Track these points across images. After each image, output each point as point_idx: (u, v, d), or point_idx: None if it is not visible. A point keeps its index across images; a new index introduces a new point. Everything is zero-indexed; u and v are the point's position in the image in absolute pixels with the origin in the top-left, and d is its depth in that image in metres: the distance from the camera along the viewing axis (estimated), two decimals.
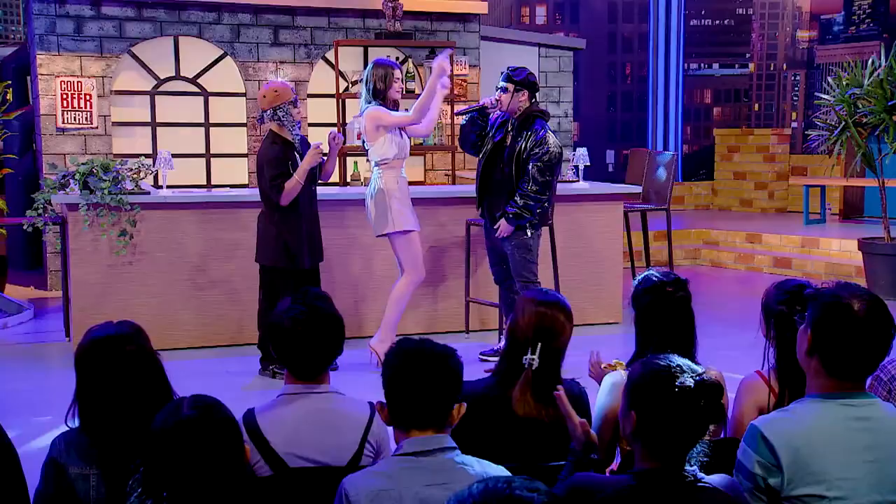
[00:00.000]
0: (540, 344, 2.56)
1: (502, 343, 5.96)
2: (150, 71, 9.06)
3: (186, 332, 6.26)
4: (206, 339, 6.29)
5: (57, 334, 6.72)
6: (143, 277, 6.20)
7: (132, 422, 2.25)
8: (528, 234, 5.64)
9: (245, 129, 9.30)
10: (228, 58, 9.26)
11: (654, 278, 2.83)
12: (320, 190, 5.80)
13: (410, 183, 9.66)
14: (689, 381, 2.00)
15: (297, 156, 5.45)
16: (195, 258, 6.30)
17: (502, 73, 5.64)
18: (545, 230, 6.03)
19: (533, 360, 2.55)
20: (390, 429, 2.29)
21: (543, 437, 2.58)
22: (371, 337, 5.87)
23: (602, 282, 6.87)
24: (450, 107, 8.82)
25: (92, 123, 8.68)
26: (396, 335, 5.69)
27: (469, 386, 2.57)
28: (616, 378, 2.74)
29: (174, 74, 9.17)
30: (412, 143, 8.45)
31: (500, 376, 2.66)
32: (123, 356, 2.30)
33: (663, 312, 2.76)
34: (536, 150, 5.51)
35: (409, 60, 9.28)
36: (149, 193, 6.12)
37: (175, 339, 6.17)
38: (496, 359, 5.84)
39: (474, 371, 2.67)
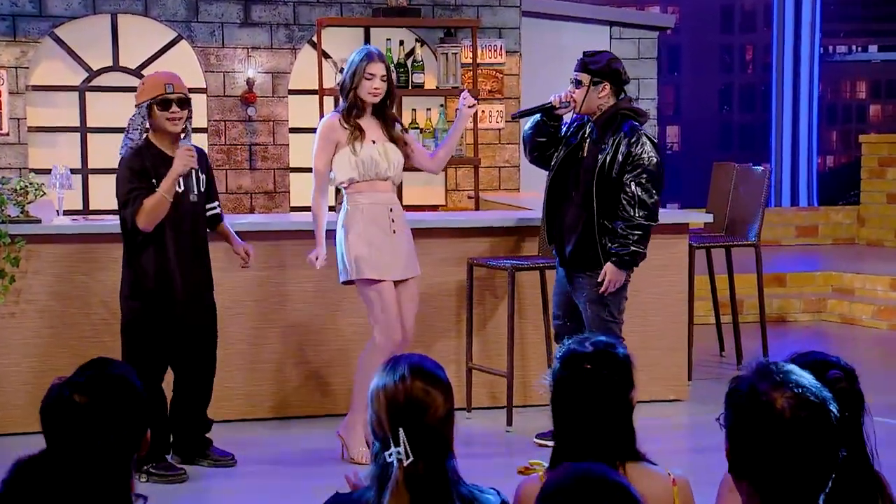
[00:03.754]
0: (402, 430, 2.44)
1: None
2: (79, 60, 9.16)
3: None
4: None
5: None
6: (27, 333, 6.08)
7: None
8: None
9: (206, 135, 9.28)
10: (184, 42, 9.35)
11: (574, 347, 2.71)
12: (292, 217, 5.65)
13: (427, 208, 9.61)
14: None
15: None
16: (102, 310, 6.14)
17: (577, 62, 5.56)
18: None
19: (399, 453, 2.45)
20: None
21: None
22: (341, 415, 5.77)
23: (660, 345, 6.64)
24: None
25: (1, 128, 8.74)
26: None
27: (341, 499, 2.60)
28: (528, 487, 2.63)
29: (112, 64, 9.31)
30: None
31: (375, 482, 2.54)
32: None
33: (579, 397, 2.66)
34: (634, 162, 5.36)
35: (418, 45, 9.09)
36: (40, 222, 6.00)
37: None
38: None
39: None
